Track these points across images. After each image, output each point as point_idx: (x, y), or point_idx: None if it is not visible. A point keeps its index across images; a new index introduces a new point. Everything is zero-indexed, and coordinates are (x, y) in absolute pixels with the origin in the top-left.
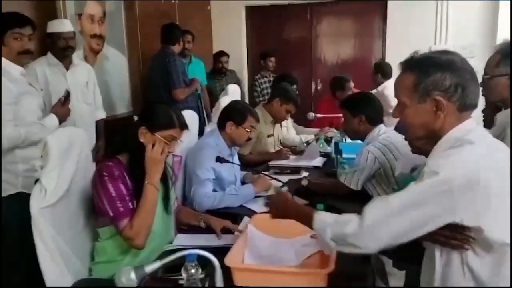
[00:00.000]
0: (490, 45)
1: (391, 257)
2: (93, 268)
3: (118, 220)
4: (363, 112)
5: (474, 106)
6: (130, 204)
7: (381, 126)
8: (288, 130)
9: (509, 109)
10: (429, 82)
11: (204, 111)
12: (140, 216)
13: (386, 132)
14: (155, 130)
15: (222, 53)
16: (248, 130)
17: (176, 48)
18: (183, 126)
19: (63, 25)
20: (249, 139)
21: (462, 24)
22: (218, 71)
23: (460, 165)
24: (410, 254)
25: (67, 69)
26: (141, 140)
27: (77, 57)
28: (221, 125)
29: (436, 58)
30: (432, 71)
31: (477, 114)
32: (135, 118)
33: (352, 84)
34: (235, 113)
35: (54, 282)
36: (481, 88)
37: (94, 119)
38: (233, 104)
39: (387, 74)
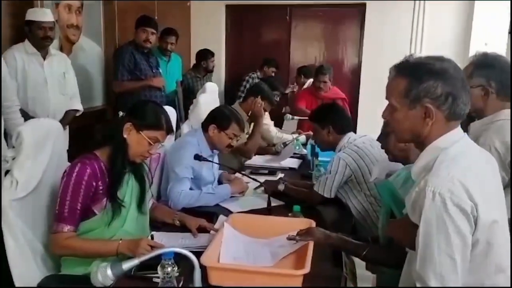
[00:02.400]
0: (464, 49)
1: (365, 259)
2: (62, 264)
3: (57, 221)
4: (330, 123)
5: (463, 116)
6: (77, 213)
7: (351, 134)
8: (269, 128)
9: (482, 120)
10: (421, 89)
11: (181, 108)
12: (75, 247)
13: (356, 139)
14: (141, 129)
15: (208, 52)
16: (230, 137)
17: (138, 39)
18: (170, 130)
19: (44, 15)
20: (230, 146)
21: (438, 29)
22: (204, 69)
23: (450, 180)
24: (385, 257)
25: (44, 58)
26: (125, 136)
27: (52, 47)
28: (204, 127)
29: (430, 65)
30: (425, 78)
31: None
32: (121, 113)
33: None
34: (220, 118)
35: (22, 278)
36: None
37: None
38: (221, 108)
39: (308, 74)
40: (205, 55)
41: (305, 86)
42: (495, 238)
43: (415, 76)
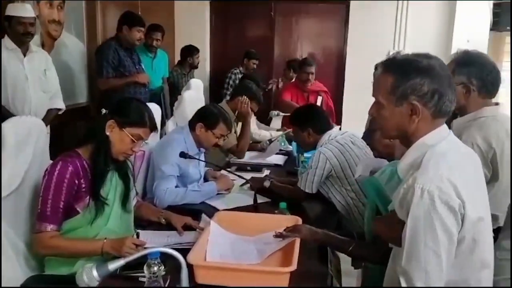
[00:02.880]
0: (447, 45)
1: (351, 255)
2: (46, 264)
3: (40, 221)
4: (309, 125)
5: (449, 113)
6: (60, 212)
7: (331, 131)
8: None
9: (464, 117)
10: (408, 86)
11: (167, 105)
12: (59, 247)
13: (337, 136)
14: (124, 126)
15: (194, 49)
16: (217, 137)
17: (132, 38)
18: (153, 127)
19: (24, 10)
20: (217, 145)
21: (420, 26)
22: (189, 65)
23: (439, 178)
24: (370, 253)
25: (24, 55)
26: (108, 133)
27: (33, 43)
28: (192, 125)
29: (416, 62)
30: (411, 76)
31: None
32: (103, 111)
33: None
34: (208, 116)
35: (4, 278)
36: None
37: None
38: (209, 107)
39: (296, 69)
40: (190, 51)
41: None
42: (480, 235)
43: (402, 73)
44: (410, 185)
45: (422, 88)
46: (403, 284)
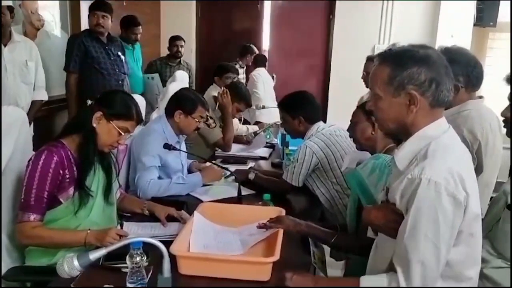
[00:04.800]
0: (431, 40)
1: (334, 246)
2: (26, 255)
3: (23, 210)
4: (301, 113)
5: (446, 102)
6: (44, 202)
7: (320, 123)
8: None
9: (449, 110)
10: (405, 75)
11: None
12: (42, 237)
13: (325, 128)
14: (111, 118)
15: (177, 38)
16: (197, 120)
17: (89, 24)
18: (140, 120)
19: None
20: (198, 128)
21: (405, 21)
22: (173, 56)
23: (447, 170)
24: (352, 244)
25: (5, 45)
26: (94, 125)
27: (16, 32)
28: (169, 113)
29: (413, 52)
30: (408, 65)
31: None
32: (89, 102)
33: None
34: (185, 102)
35: None
36: None
37: (31, 100)
38: (183, 92)
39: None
40: (173, 40)
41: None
42: (477, 230)
43: (398, 63)
44: (416, 176)
45: (419, 77)
46: (400, 274)
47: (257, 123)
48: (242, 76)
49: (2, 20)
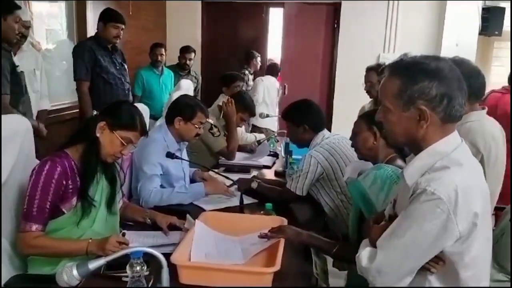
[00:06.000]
0: (436, 48)
1: (335, 257)
2: (29, 264)
3: (25, 220)
4: (305, 121)
5: (459, 118)
6: (46, 212)
7: (325, 131)
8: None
9: None
10: (415, 90)
11: None
12: (44, 247)
13: (330, 137)
14: (115, 128)
15: (189, 50)
16: (197, 126)
17: (107, 35)
18: (144, 132)
19: (22, 13)
20: (198, 135)
21: (410, 28)
22: (182, 67)
23: (453, 187)
24: (354, 255)
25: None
26: (98, 135)
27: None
28: (169, 120)
29: (424, 64)
30: (419, 79)
31: None
32: (95, 112)
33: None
34: (184, 109)
35: None
36: None
37: (37, 109)
38: (182, 99)
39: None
40: (183, 51)
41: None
42: (481, 253)
43: (409, 76)
44: (422, 186)
45: (430, 92)
46: (370, 251)
47: (253, 126)
48: (251, 83)
49: (23, 32)
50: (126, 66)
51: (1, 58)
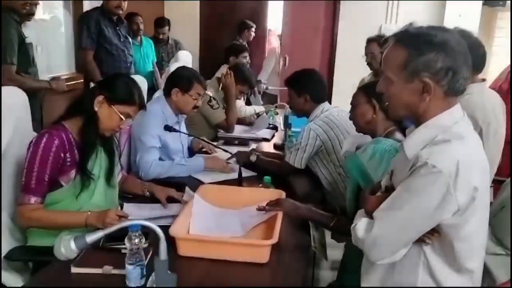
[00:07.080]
0: (439, 19)
1: (333, 230)
2: (28, 236)
3: (24, 193)
4: (308, 91)
5: (462, 91)
6: (45, 184)
7: (325, 104)
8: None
9: None
10: (421, 62)
11: (160, 89)
12: (43, 219)
13: (329, 109)
14: (113, 103)
15: (160, 23)
16: (195, 98)
17: (109, 5)
18: (142, 106)
19: None
20: (196, 107)
21: (412, 1)
22: (157, 40)
23: (454, 161)
24: (347, 227)
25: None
26: (96, 109)
27: None
28: (167, 92)
29: (430, 36)
30: (425, 50)
31: None
32: (92, 84)
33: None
34: (181, 80)
35: None
36: None
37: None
38: (179, 71)
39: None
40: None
41: None
42: (480, 225)
43: (415, 48)
44: (423, 159)
45: (435, 65)
46: (367, 222)
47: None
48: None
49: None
50: (130, 40)
51: (11, 28)
